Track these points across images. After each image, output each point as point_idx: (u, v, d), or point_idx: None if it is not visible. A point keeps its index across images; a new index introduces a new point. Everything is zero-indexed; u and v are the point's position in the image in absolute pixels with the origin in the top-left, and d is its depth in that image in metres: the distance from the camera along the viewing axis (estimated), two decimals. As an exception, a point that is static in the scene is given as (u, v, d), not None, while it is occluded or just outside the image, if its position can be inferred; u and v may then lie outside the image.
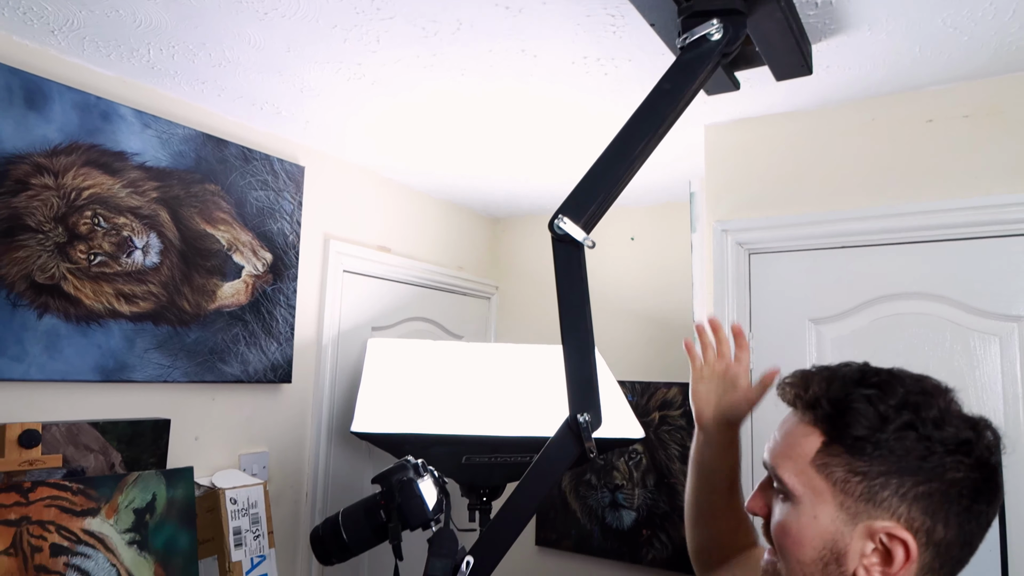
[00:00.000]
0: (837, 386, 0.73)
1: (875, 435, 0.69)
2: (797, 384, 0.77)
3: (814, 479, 0.72)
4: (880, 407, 0.70)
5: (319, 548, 1.14)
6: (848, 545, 0.70)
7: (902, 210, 1.55)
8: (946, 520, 0.68)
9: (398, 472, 1.13)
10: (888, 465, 0.68)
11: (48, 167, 1.45)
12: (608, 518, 2.53)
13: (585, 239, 1.06)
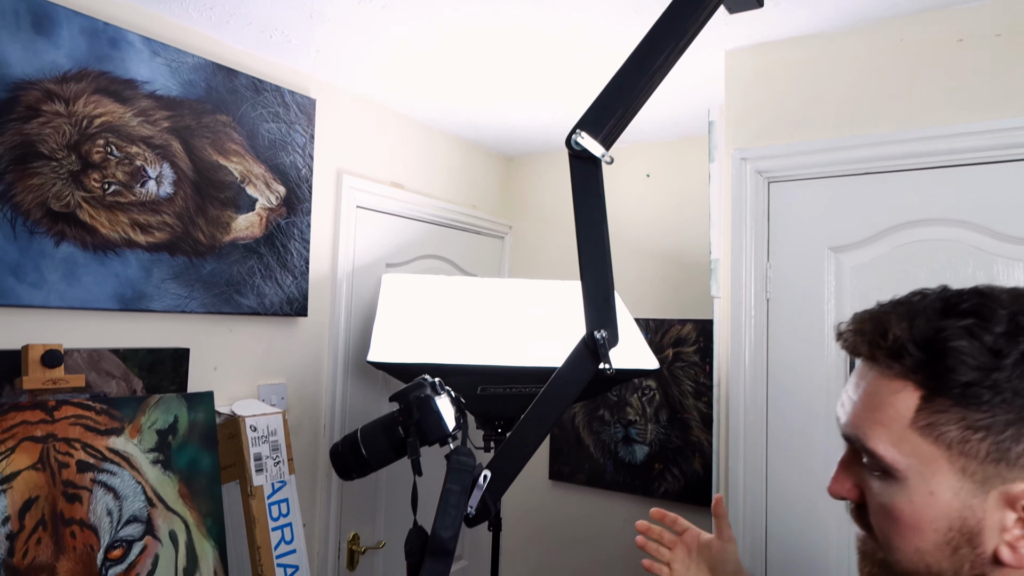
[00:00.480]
0: (922, 323, 0.59)
1: (989, 376, 0.55)
2: (868, 329, 0.63)
3: (920, 446, 0.58)
4: (987, 339, 0.55)
5: (339, 463, 1.16)
6: (982, 520, 0.57)
7: (928, 134, 1.51)
8: None
9: (416, 389, 1.14)
10: (1016, 411, 0.55)
11: (58, 94, 1.44)
12: (621, 452, 2.56)
13: (604, 155, 1.04)
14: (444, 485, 1.07)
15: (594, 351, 1.09)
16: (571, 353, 1.12)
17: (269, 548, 1.59)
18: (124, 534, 1.24)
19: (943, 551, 0.58)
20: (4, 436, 1.14)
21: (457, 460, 1.08)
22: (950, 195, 1.51)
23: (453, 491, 1.06)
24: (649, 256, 2.57)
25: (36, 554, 1.13)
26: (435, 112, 2.37)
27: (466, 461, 1.08)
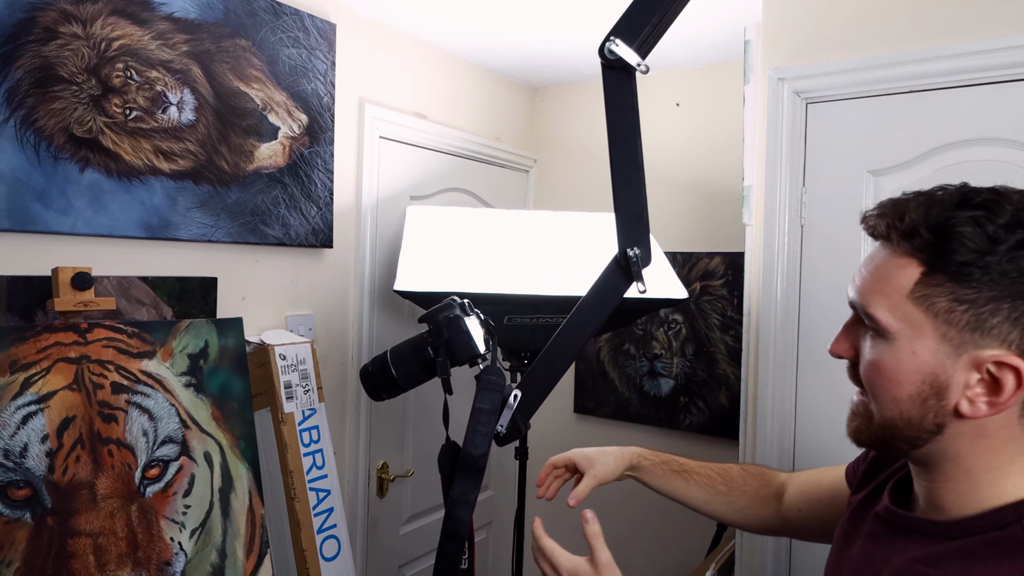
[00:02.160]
0: (936, 211, 0.66)
1: (983, 259, 0.63)
2: (889, 214, 0.70)
3: (912, 313, 0.67)
4: (988, 228, 0.63)
5: (369, 383, 1.16)
6: (951, 378, 0.66)
7: (976, 48, 1.43)
8: None
9: (445, 310, 1.12)
10: (999, 289, 0.63)
11: (75, 15, 1.41)
12: (646, 386, 2.56)
13: (639, 64, 1.00)
14: (474, 404, 1.06)
15: (627, 269, 1.06)
16: (603, 272, 1.10)
17: (301, 472, 1.62)
18: (160, 454, 1.26)
19: (914, 401, 0.68)
20: (39, 356, 1.15)
21: (487, 380, 1.07)
22: (998, 113, 1.43)
23: (483, 410, 1.06)
24: (677, 188, 2.51)
25: (76, 471, 1.15)
26: (459, 40, 2.30)
27: (496, 381, 1.07)
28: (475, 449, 1.05)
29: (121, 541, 1.18)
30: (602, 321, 1.09)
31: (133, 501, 1.21)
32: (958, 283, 0.64)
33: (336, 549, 1.65)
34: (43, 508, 1.12)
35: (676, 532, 2.51)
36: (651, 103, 2.52)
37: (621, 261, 1.06)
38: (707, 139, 2.45)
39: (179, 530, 1.26)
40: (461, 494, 1.05)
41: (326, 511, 1.65)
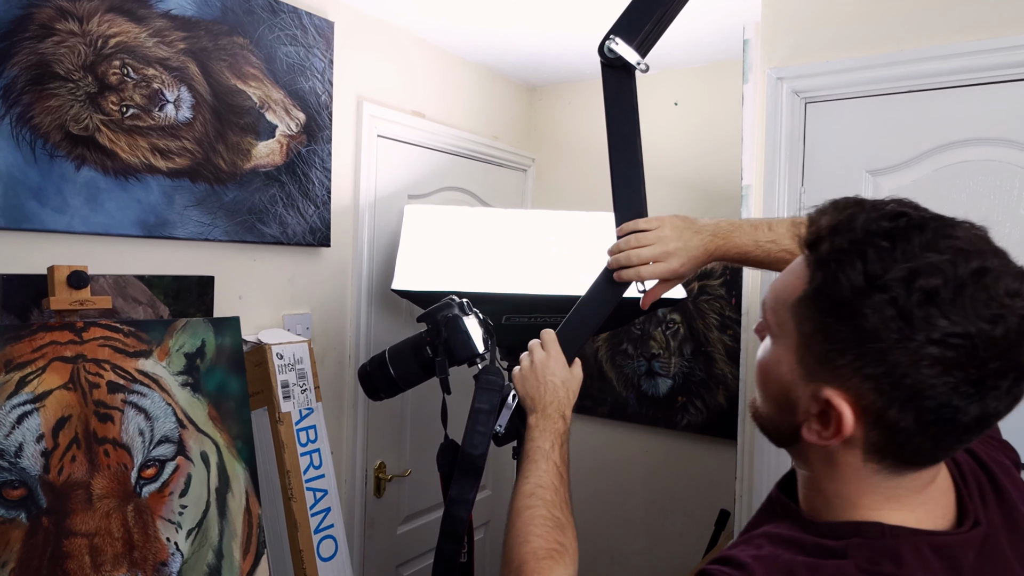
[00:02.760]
0: (844, 231, 0.62)
1: (857, 300, 0.59)
2: (815, 216, 0.67)
3: (788, 323, 0.66)
4: (874, 268, 0.58)
5: (367, 383, 1.16)
6: (799, 399, 0.66)
7: (976, 47, 1.43)
8: (902, 408, 0.59)
9: (444, 309, 1.12)
10: (856, 334, 0.59)
11: (72, 11, 1.40)
12: (644, 386, 2.56)
13: (639, 63, 0.99)
14: (473, 404, 1.06)
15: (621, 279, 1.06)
16: (599, 276, 1.10)
17: (299, 472, 1.61)
18: (156, 454, 1.25)
19: (776, 406, 0.69)
20: (35, 355, 1.14)
21: (486, 379, 1.07)
22: (998, 113, 1.43)
23: (482, 410, 1.06)
24: (675, 187, 2.51)
25: (71, 471, 1.15)
26: (457, 38, 2.29)
27: (495, 380, 1.07)
28: (474, 449, 1.04)
29: (117, 541, 1.17)
30: (601, 322, 1.09)
31: (129, 501, 1.20)
32: (826, 315, 0.62)
33: (333, 549, 1.64)
34: (38, 508, 1.11)
35: (674, 531, 2.51)
36: (649, 102, 2.51)
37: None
38: (705, 138, 2.45)
39: (175, 530, 1.25)
40: (460, 493, 1.05)
41: (323, 511, 1.64)
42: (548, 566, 0.83)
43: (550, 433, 0.99)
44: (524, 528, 0.88)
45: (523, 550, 0.85)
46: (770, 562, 0.63)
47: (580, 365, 1.10)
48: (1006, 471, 0.72)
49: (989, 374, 0.57)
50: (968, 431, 0.60)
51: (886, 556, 0.61)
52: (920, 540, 0.62)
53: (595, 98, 2.85)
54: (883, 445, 0.62)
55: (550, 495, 0.92)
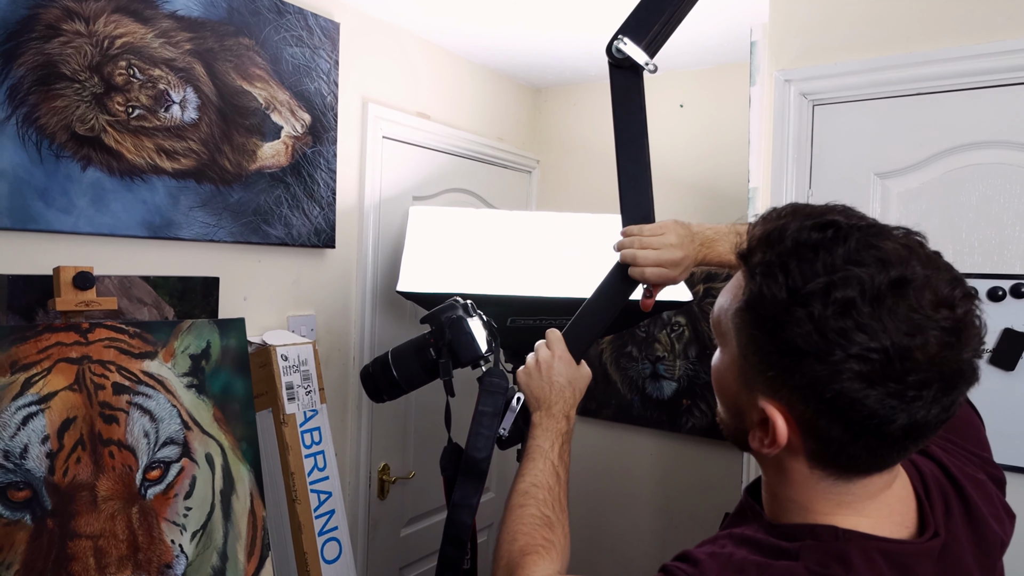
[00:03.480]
0: (775, 242, 0.62)
1: (780, 314, 0.59)
2: (752, 225, 0.67)
3: (729, 334, 0.66)
4: (795, 281, 0.59)
5: (370, 384, 1.15)
6: (744, 406, 0.67)
7: (985, 50, 1.42)
8: (830, 419, 0.59)
9: (448, 311, 1.11)
10: (779, 348, 0.60)
11: (78, 12, 1.40)
12: (648, 388, 2.55)
13: (647, 63, 0.99)
14: (476, 407, 1.06)
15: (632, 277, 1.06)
16: (609, 273, 1.09)
17: (303, 474, 1.60)
18: (161, 455, 1.25)
19: (729, 413, 0.70)
20: (40, 357, 1.14)
21: (490, 382, 1.07)
22: (1007, 116, 1.42)
23: (486, 413, 1.05)
24: (682, 189, 2.50)
25: (76, 473, 1.14)
26: (462, 39, 2.29)
27: (499, 383, 1.07)
28: (477, 452, 1.04)
29: (122, 543, 1.16)
30: (609, 321, 1.08)
31: (134, 503, 1.20)
32: (755, 327, 0.62)
33: (337, 551, 1.64)
34: (43, 510, 1.10)
35: (679, 534, 2.50)
36: (655, 104, 2.49)
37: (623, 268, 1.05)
38: (712, 140, 2.44)
39: (180, 532, 1.25)
40: (463, 497, 1.04)
41: (327, 513, 1.64)
42: (532, 560, 0.84)
43: (552, 432, 1.00)
44: (513, 526, 0.89)
45: (511, 548, 0.87)
46: (724, 560, 0.63)
47: (586, 365, 1.09)
48: (979, 486, 0.71)
49: (910, 386, 0.56)
50: (900, 440, 0.60)
51: (835, 559, 0.61)
52: (871, 545, 0.62)
53: (600, 100, 2.85)
54: (821, 454, 0.63)
55: (543, 494, 0.93)
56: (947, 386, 0.58)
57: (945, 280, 0.58)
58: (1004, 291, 1.42)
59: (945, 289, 0.58)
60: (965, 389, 0.60)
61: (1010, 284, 1.41)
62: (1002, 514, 0.70)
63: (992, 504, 0.69)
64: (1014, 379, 1.41)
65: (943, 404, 0.58)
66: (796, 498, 0.66)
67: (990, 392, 1.43)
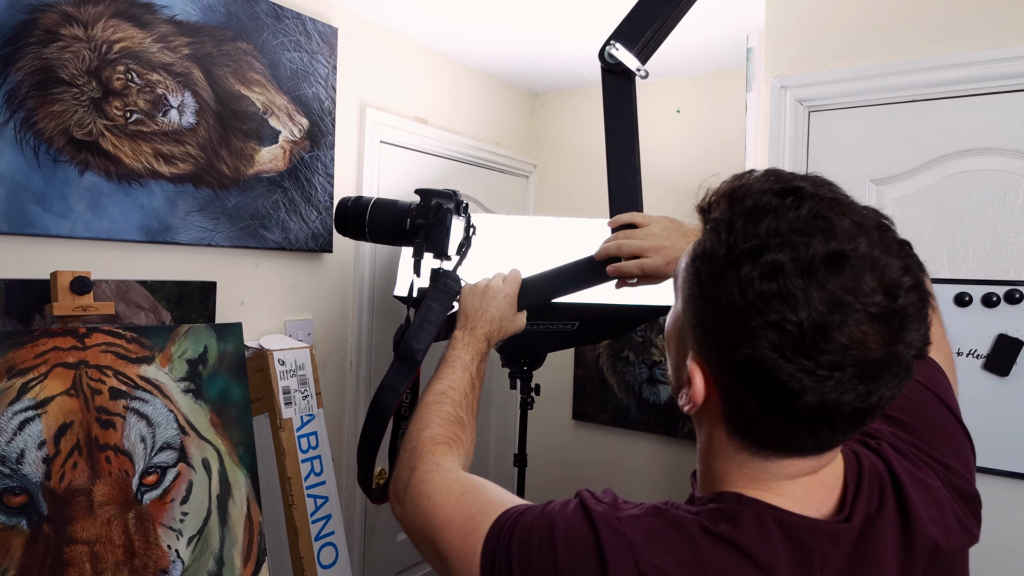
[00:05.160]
0: (734, 201, 0.61)
1: (714, 271, 0.58)
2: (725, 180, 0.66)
3: (680, 286, 0.65)
4: (733, 239, 0.57)
5: (341, 214, 1.21)
6: (679, 362, 0.65)
7: (980, 58, 1.43)
8: (742, 385, 0.58)
9: (443, 197, 1.14)
10: (708, 304, 0.59)
11: (77, 17, 1.40)
12: (645, 393, 2.55)
13: (639, 69, 0.99)
14: (426, 300, 1.10)
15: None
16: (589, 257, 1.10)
17: (299, 479, 1.60)
18: (158, 460, 1.25)
19: (673, 368, 0.68)
20: (37, 362, 1.14)
21: (445, 283, 1.11)
22: (1002, 123, 1.43)
23: (434, 308, 1.09)
24: (677, 194, 2.49)
25: (72, 478, 1.14)
26: (460, 44, 2.30)
27: (452, 286, 1.11)
28: (416, 342, 1.08)
29: (118, 549, 1.16)
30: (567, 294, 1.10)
31: (130, 508, 1.19)
32: (695, 281, 0.61)
33: (334, 556, 1.64)
34: (39, 515, 1.10)
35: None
36: (651, 109, 2.52)
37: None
38: (708, 146, 2.45)
39: (176, 538, 1.24)
40: (393, 380, 1.07)
41: (324, 518, 1.64)
42: (442, 450, 0.86)
43: (472, 348, 1.03)
44: (428, 417, 0.92)
45: (423, 435, 0.89)
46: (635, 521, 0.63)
47: (525, 316, 1.13)
48: (927, 490, 0.67)
49: (822, 365, 0.54)
50: (810, 421, 0.57)
51: (726, 518, 0.61)
52: (768, 512, 0.61)
53: (597, 104, 2.84)
54: (736, 422, 0.61)
55: (459, 397, 0.96)
56: (865, 374, 0.55)
57: (895, 267, 0.55)
58: (998, 297, 1.42)
59: (892, 274, 0.54)
60: (891, 383, 0.56)
61: (1004, 290, 1.42)
62: (950, 521, 0.67)
63: (939, 510, 0.67)
64: (1008, 384, 1.42)
65: (859, 392, 0.55)
66: (716, 469, 0.65)
67: (984, 397, 1.44)
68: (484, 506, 0.71)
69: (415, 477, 0.81)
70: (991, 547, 1.38)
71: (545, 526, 0.65)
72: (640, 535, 0.61)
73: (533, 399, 1.99)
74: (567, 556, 0.62)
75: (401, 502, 0.82)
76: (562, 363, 2.71)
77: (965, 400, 1.46)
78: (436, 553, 0.72)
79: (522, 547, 0.64)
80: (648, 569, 0.59)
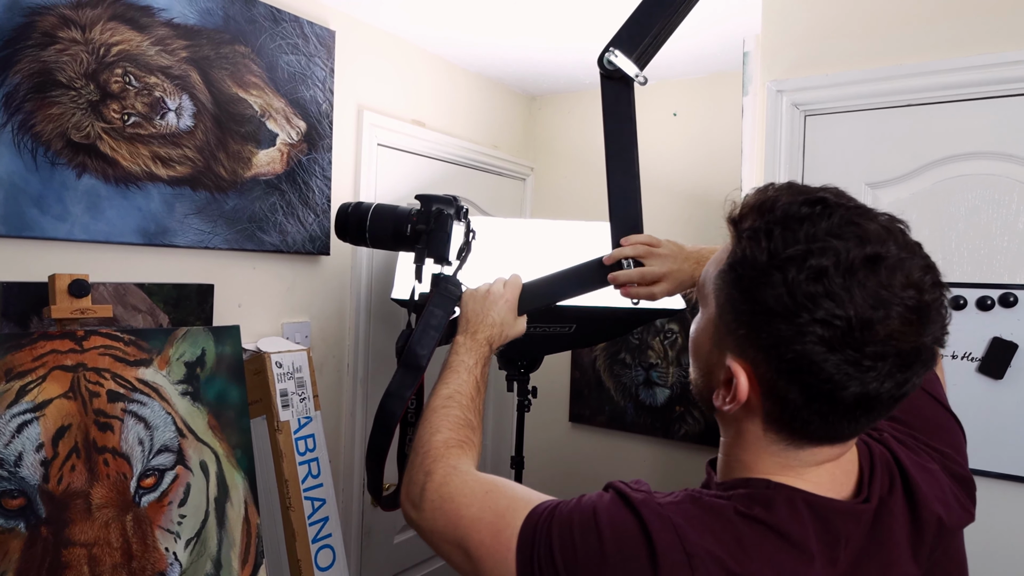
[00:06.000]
0: (765, 211, 0.65)
1: (758, 276, 0.62)
2: (749, 194, 0.70)
3: (710, 295, 0.69)
4: (777, 246, 0.62)
5: (341, 220, 1.21)
6: (713, 366, 0.69)
7: (975, 62, 1.44)
8: (789, 380, 0.62)
9: (444, 203, 1.15)
10: (753, 307, 0.63)
11: (74, 20, 1.40)
12: (642, 395, 2.56)
13: (638, 75, 1.00)
14: (427, 307, 1.10)
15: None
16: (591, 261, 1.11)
17: (297, 481, 1.60)
18: (156, 463, 1.25)
19: (701, 374, 0.72)
20: (35, 364, 1.14)
21: (446, 287, 1.12)
22: (997, 127, 1.44)
23: (436, 314, 1.09)
24: (674, 197, 2.51)
25: (71, 480, 1.14)
26: (457, 48, 2.30)
27: (454, 291, 1.12)
28: (420, 348, 1.08)
29: (116, 551, 1.16)
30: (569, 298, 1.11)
31: (128, 511, 1.20)
32: (734, 287, 0.65)
33: (331, 559, 1.64)
34: (37, 518, 1.10)
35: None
36: (648, 113, 2.52)
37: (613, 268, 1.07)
38: (704, 149, 2.46)
39: (174, 540, 1.25)
40: (399, 387, 1.07)
41: (321, 520, 1.64)
42: (456, 454, 0.88)
43: (475, 353, 1.04)
44: (437, 422, 0.93)
45: (434, 439, 0.90)
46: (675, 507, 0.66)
47: (525, 320, 1.14)
48: (927, 473, 0.73)
49: (867, 356, 0.59)
50: (852, 410, 0.62)
51: (759, 502, 0.65)
52: (797, 495, 0.65)
53: (593, 108, 2.86)
54: (778, 416, 0.65)
55: (466, 400, 0.97)
56: (902, 363, 0.60)
57: (918, 266, 0.61)
58: (993, 300, 1.43)
59: (917, 273, 0.60)
60: (920, 370, 0.62)
61: (998, 293, 1.43)
62: (950, 500, 0.72)
63: (940, 490, 0.72)
64: (1003, 387, 1.43)
65: (896, 380, 0.61)
66: (744, 458, 0.69)
67: (979, 400, 1.45)
68: (512, 503, 0.73)
69: (433, 481, 0.82)
70: (986, 549, 1.38)
71: (586, 517, 0.67)
72: (682, 519, 0.64)
73: (530, 401, 2.00)
74: (614, 544, 0.64)
75: (418, 507, 0.82)
76: (559, 365, 2.71)
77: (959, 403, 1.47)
78: (464, 554, 0.73)
79: (563, 540, 0.66)
80: (695, 548, 0.62)
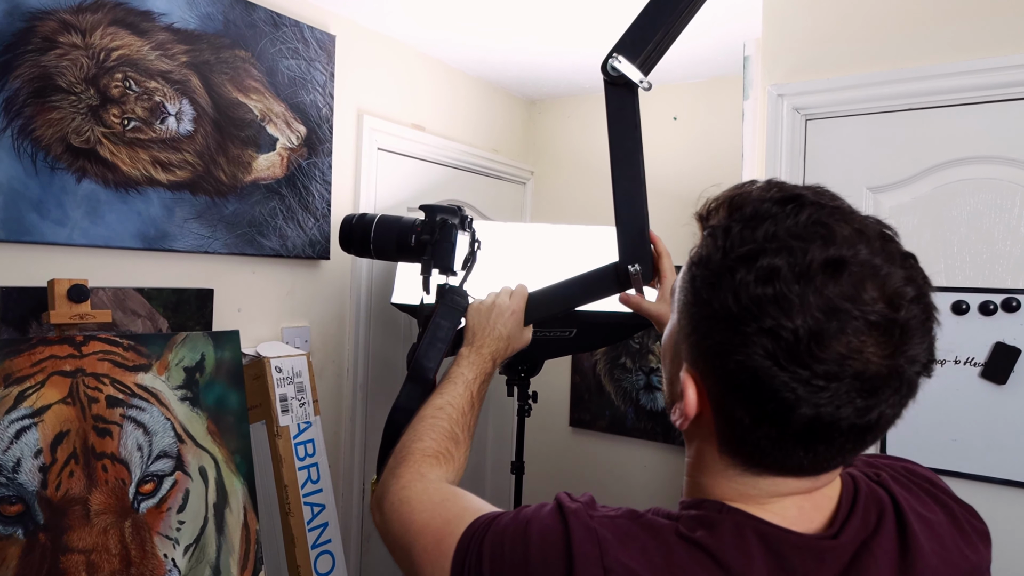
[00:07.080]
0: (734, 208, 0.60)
1: (710, 277, 0.57)
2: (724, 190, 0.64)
3: (677, 295, 0.64)
4: (729, 243, 0.56)
5: (346, 231, 1.21)
6: (674, 375, 0.64)
7: (976, 66, 1.44)
8: (734, 396, 0.56)
9: (448, 213, 1.14)
10: (704, 311, 0.57)
11: (75, 24, 1.40)
12: (642, 400, 2.55)
13: (642, 81, 1.00)
14: (434, 318, 1.09)
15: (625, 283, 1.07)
16: (599, 269, 1.10)
17: (296, 487, 1.60)
18: (155, 469, 1.24)
19: (667, 384, 0.67)
20: (33, 370, 1.14)
21: (452, 299, 1.11)
22: (998, 131, 1.44)
23: (442, 326, 1.09)
24: (674, 201, 2.50)
25: (69, 487, 1.14)
26: (457, 52, 2.30)
27: (460, 302, 1.11)
28: (427, 361, 1.07)
29: (114, 558, 1.16)
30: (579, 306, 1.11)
31: (127, 517, 1.19)
32: (692, 288, 0.59)
33: (331, 564, 1.63)
34: (35, 524, 1.10)
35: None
36: (649, 117, 2.51)
37: (620, 275, 1.06)
38: (705, 153, 2.46)
39: (173, 546, 1.24)
40: (407, 400, 1.06)
41: (321, 526, 1.63)
42: (429, 463, 0.86)
43: (476, 367, 1.03)
44: (422, 431, 0.92)
45: (414, 446, 0.88)
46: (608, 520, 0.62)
47: (531, 330, 1.13)
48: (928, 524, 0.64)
49: (818, 375, 0.51)
50: (805, 436, 0.55)
51: (704, 525, 0.59)
52: (749, 523, 0.59)
53: (594, 112, 2.86)
54: (728, 436, 0.59)
55: (456, 414, 0.96)
56: (863, 387, 0.52)
57: (899, 277, 0.53)
58: (996, 305, 1.43)
59: (895, 284, 0.52)
60: (892, 399, 0.54)
61: (1001, 298, 1.42)
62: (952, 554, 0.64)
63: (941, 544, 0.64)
64: (1006, 393, 1.42)
65: (857, 406, 0.53)
66: (703, 481, 0.64)
67: (982, 406, 1.44)
68: (461, 513, 0.71)
69: (396, 485, 0.81)
70: (989, 555, 1.38)
71: (519, 526, 0.64)
72: (610, 533, 0.60)
73: (530, 406, 1.99)
74: (537, 551, 0.61)
75: (380, 509, 0.81)
76: (559, 370, 2.71)
77: (962, 409, 1.47)
78: (409, 560, 0.71)
79: (494, 548, 0.64)
80: (614, 564, 0.58)
